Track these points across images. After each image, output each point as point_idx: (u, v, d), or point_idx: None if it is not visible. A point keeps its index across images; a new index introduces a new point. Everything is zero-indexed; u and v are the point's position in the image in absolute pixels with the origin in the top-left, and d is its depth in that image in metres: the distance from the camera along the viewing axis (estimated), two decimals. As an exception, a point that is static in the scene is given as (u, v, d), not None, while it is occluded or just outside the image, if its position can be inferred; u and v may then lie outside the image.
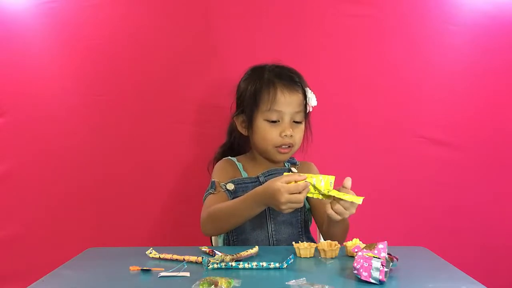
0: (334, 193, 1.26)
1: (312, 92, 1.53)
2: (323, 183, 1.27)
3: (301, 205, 1.27)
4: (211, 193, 1.49)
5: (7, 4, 1.84)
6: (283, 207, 1.26)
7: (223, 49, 1.84)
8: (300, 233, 1.50)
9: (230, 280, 1.00)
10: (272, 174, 1.51)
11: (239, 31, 1.86)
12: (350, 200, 1.28)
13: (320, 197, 1.28)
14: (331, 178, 1.28)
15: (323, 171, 1.44)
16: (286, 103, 1.48)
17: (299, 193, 1.24)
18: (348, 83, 1.88)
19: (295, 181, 1.26)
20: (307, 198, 1.54)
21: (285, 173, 1.30)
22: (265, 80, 1.51)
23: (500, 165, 1.89)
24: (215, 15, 1.86)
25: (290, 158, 1.58)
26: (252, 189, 1.34)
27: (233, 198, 1.46)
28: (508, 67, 1.87)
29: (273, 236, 1.48)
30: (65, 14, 1.84)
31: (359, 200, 1.26)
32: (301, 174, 1.28)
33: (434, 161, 1.88)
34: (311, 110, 1.54)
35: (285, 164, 1.58)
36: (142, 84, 1.86)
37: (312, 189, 1.27)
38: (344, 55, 1.87)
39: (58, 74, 1.86)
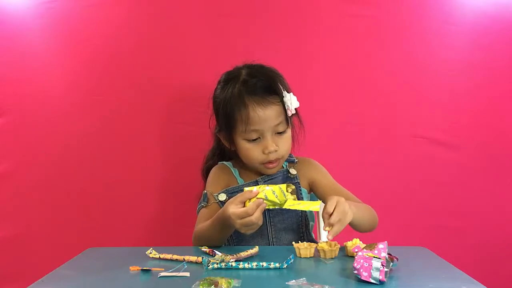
0: (289, 203, 1.25)
1: (292, 94, 1.44)
2: (276, 193, 1.25)
3: (260, 224, 1.24)
4: (203, 206, 1.47)
5: (7, 4, 1.84)
6: (242, 231, 1.25)
7: (222, 49, 1.84)
8: (302, 237, 1.48)
9: (230, 280, 1.00)
10: (271, 179, 1.49)
11: (239, 31, 1.86)
12: (306, 209, 1.27)
13: (278, 206, 1.27)
14: (283, 187, 1.27)
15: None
16: (261, 120, 1.40)
17: (252, 214, 1.21)
18: (347, 83, 1.88)
19: (250, 198, 1.24)
20: (316, 194, 1.54)
21: (245, 188, 1.28)
22: (235, 98, 1.41)
23: (500, 165, 1.89)
24: (215, 15, 1.86)
25: (288, 156, 1.54)
26: None
27: None
28: (509, 67, 1.87)
29: (274, 243, 1.47)
30: (65, 15, 1.84)
31: (316, 206, 1.24)
32: (253, 189, 1.25)
33: (434, 161, 1.88)
34: (294, 112, 1.45)
35: (283, 165, 1.54)
36: (142, 84, 1.86)
37: (268, 203, 1.25)
38: (344, 55, 1.87)
39: (58, 74, 1.86)
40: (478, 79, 1.87)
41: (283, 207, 1.27)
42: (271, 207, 1.27)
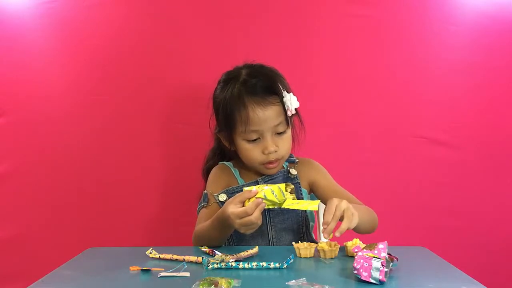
0: (288, 203, 1.26)
1: (292, 94, 1.43)
2: (275, 193, 1.25)
3: (259, 224, 1.24)
4: (203, 206, 1.47)
5: (7, 4, 1.84)
6: (241, 231, 1.25)
7: (223, 49, 1.84)
8: (302, 237, 1.48)
9: (230, 280, 1.00)
10: (272, 179, 1.49)
11: (239, 31, 1.86)
12: (305, 209, 1.27)
13: (277, 206, 1.27)
14: (282, 186, 1.27)
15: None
16: (261, 121, 1.39)
17: (251, 214, 1.21)
18: (347, 83, 1.88)
19: (249, 199, 1.23)
20: (316, 194, 1.53)
21: (245, 188, 1.28)
22: (235, 98, 1.41)
23: (500, 165, 1.89)
24: (215, 15, 1.86)
25: (289, 156, 1.54)
26: None
27: None
28: (509, 67, 1.87)
29: (274, 243, 1.46)
30: (65, 15, 1.84)
31: (314, 206, 1.25)
32: (253, 188, 1.25)
33: (434, 161, 1.88)
34: (294, 112, 1.44)
35: (284, 165, 1.54)
36: (142, 84, 1.86)
37: (267, 202, 1.25)
38: (344, 55, 1.87)
39: (58, 74, 1.86)
40: (478, 79, 1.87)
41: (282, 207, 1.27)
42: (270, 207, 1.27)
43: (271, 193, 1.25)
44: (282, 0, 1.87)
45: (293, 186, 1.31)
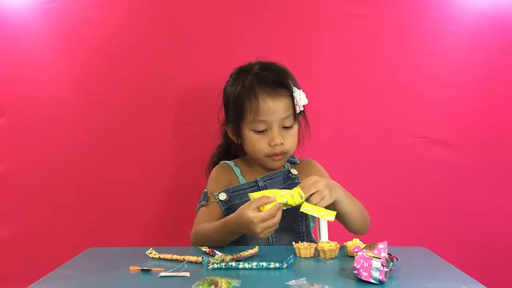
0: (306, 206, 1.27)
1: (302, 91, 1.47)
2: (293, 196, 1.27)
3: (277, 226, 1.25)
4: (203, 205, 1.47)
5: (7, 4, 1.84)
6: (260, 236, 1.24)
7: (223, 49, 1.84)
8: (302, 238, 1.48)
9: (230, 280, 1.00)
10: (271, 178, 1.49)
11: (239, 31, 1.86)
12: (321, 217, 1.29)
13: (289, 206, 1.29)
14: (299, 190, 1.28)
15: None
16: (270, 111, 1.42)
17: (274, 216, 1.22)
18: (347, 83, 1.88)
19: (266, 204, 1.23)
20: None
21: (250, 194, 1.28)
22: (246, 88, 1.45)
23: (500, 165, 1.89)
24: (215, 15, 1.86)
25: (290, 157, 1.56)
26: None
27: (228, 207, 1.45)
28: (509, 67, 1.87)
29: (274, 243, 1.47)
30: (65, 14, 1.84)
31: (331, 217, 1.27)
32: (269, 193, 1.25)
33: (434, 161, 1.88)
34: (302, 109, 1.48)
35: (285, 166, 1.55)
36: (142, 84, 1.86)
37: (286, 205, 1.27)
38: (344, 55, 1.87)
39: (58, 74, 1.86)
40: (478, 79, 1.87)
41: (300, 210, 1.28)
42: (283, 208, 1.28)
43: (291, 197, 1.27)
44: (282, 0, 1.87)
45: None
